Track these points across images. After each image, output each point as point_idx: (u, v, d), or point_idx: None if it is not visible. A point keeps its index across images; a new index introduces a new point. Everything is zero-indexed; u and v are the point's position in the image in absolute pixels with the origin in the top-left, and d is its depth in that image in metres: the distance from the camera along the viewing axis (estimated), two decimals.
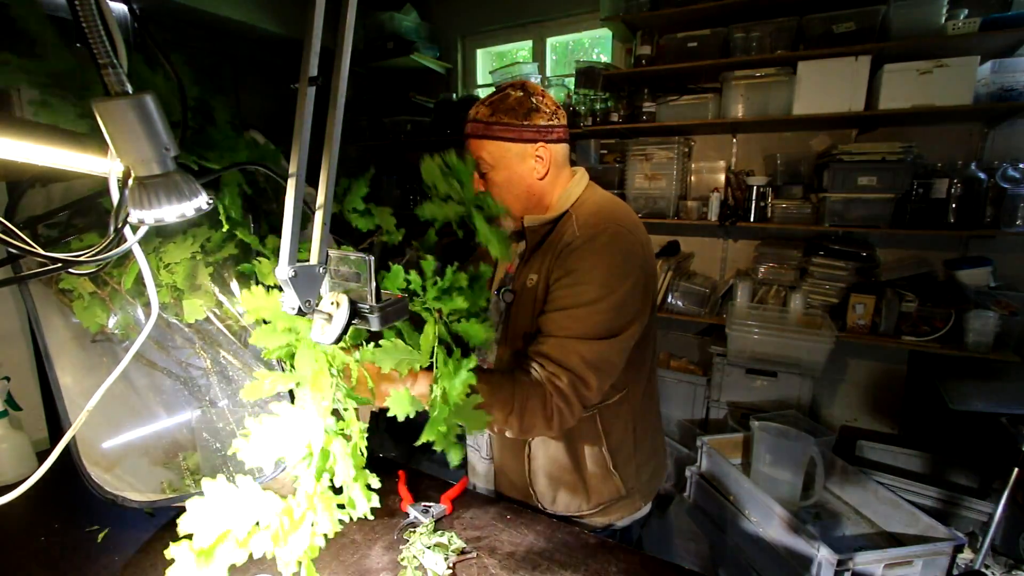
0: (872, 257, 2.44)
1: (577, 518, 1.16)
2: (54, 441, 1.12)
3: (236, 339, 1.09)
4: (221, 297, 1.01)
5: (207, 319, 1.03)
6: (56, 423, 1.33)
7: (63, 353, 1.05)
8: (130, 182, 0.58)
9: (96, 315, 1.06)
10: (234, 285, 1.01)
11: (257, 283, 0.85)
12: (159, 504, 0.98)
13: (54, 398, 1.00)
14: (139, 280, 1.01)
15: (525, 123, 1.03)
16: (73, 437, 0.91)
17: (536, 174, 1.07)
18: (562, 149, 1.09)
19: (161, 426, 1.17)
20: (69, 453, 0.93)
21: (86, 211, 1.05)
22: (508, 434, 0.98)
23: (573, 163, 1.17)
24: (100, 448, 1.05)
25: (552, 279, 1.04)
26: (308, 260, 0.67)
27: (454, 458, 0.85)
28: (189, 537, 0.70)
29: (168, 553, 0.70)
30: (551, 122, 1.05)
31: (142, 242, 0.71)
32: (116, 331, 1.10)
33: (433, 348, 0.84)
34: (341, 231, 0.91)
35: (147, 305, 1.04)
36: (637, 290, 1.01)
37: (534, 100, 1.05)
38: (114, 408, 1.10)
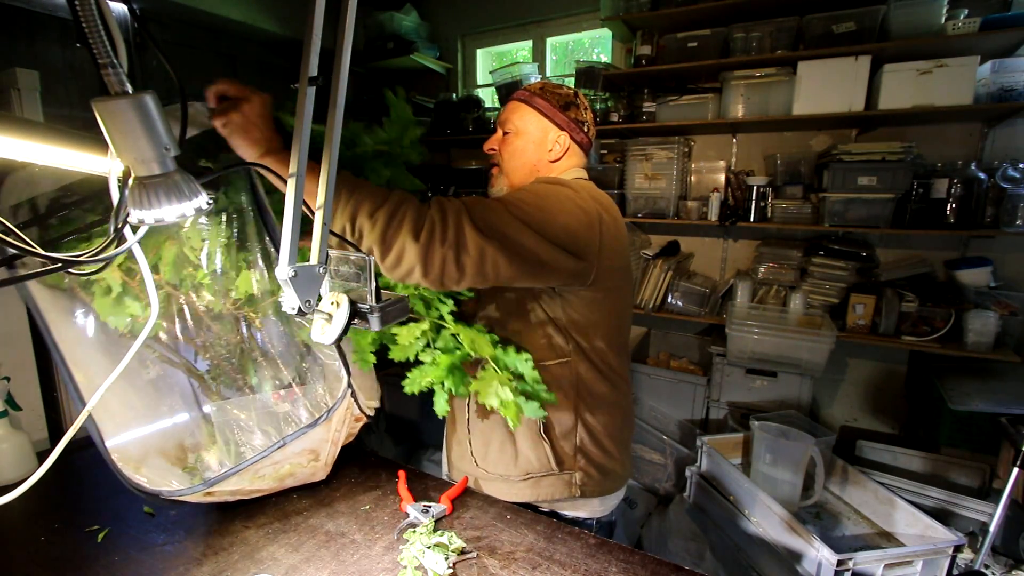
0: (872, 257, 2.44)
1: (507, 481, 1.17)
2: (54, 441, 1.12)
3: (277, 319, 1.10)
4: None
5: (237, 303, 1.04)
6: (56, 423, 1.33)
7: (75, 352, 0.99)
8: (130, 182, 0.58)
9: (127, 308, 1.01)
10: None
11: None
12: (212, 484, 0.96)
13: (59, 399, 0.98)
14: (177, 263, 1.00)
15: (562, 111, 1.15)
16: (102, 440, 0.91)
17: (549, 156, 1.16)
18: (579, 150, 1.19)
19: (178, 424, 1.16)
20: (78, 457, 0.92)
21: (95, 205, 1.01)
22: (366, 242, 0.84)
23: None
24: (129, 447, 1.02)
25: None
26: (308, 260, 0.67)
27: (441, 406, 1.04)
28: None
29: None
30: (582, 124, 1.17)
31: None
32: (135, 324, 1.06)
33: None
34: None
35: (190, 290, 1.04)
36: (572, 237, 0.98)
37: (578, 101, 1.17)
38: (135, 406, 1.09)
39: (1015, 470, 1.54)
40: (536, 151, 1.15)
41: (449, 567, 0.90)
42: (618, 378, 1.20)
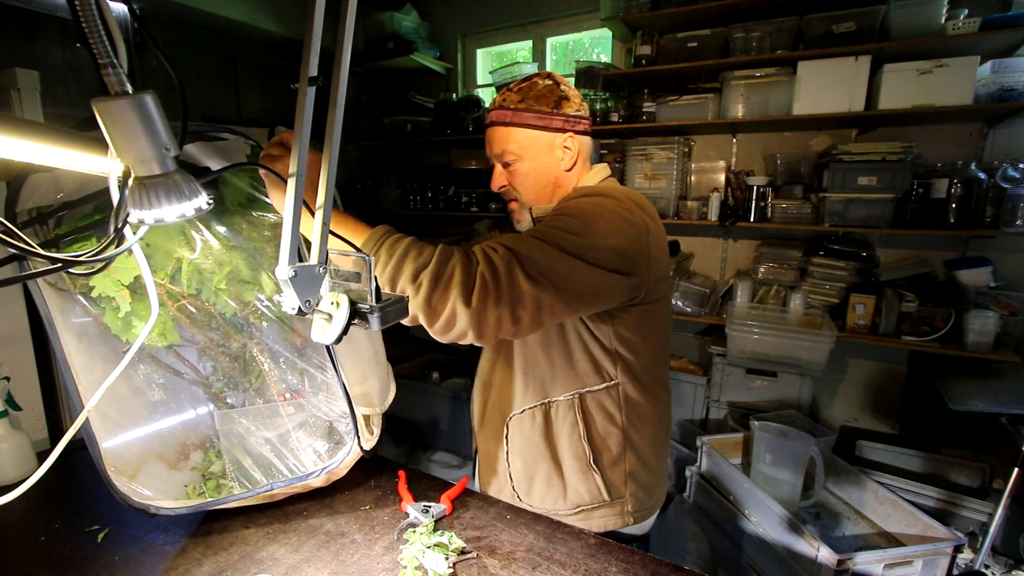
0: (872, 257, 2.44)
1: (555, 516, 1.10)
2: (54, 441, 1.12)
3: (282, 323, 1.09)
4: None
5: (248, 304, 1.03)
6: (56, 423, 1.33)
7: (78, 358, 0.98)
8: (130, 182, 0.58)
9: (134, 330, 0.99)
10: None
11: None
12: (197, 509, 0.97)
13: (59, 399, 0.98)
14: (197, 277, 1.00)
15: (555, 112, 1.02)
16: (98, 450, 0.90)
17: (563, 165, 1.06)
18: (588, 142, 1.09)
19: (180, 428, 1.15)
20: (79, 457, 0.91)
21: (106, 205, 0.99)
22: (412, 307, 0.79)
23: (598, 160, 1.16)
24: (123, 456, 1.02)
25: None
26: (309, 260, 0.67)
27: None
28: None
29: None
30: (579, 112, 1.05)
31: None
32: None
33: None
34: None
35: (210, 295, 1.03)
36: (623, 257, 0.91)
37: (563, 89, 1.04)
38: (135, 411, 1.08)
39: (1015, 470, 1.54)
40: (549, 168, 1.05)
41: (449, 567, 0.90)
42: (660, 388, 1.13)
